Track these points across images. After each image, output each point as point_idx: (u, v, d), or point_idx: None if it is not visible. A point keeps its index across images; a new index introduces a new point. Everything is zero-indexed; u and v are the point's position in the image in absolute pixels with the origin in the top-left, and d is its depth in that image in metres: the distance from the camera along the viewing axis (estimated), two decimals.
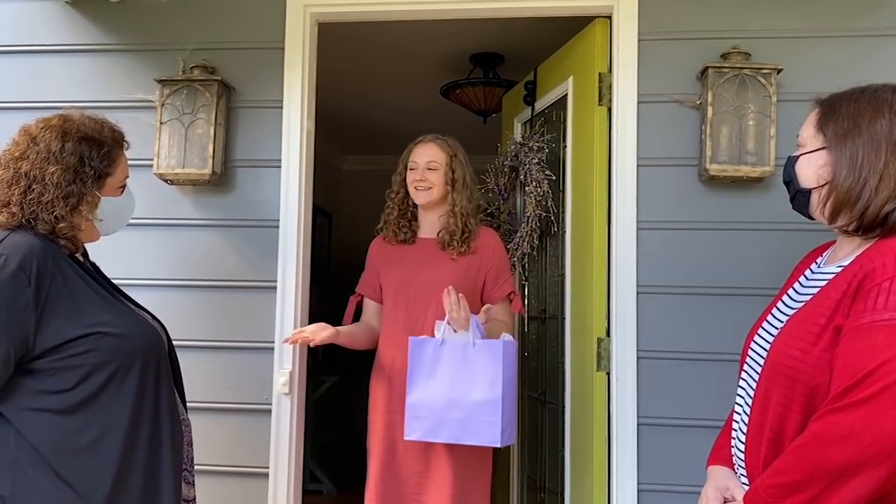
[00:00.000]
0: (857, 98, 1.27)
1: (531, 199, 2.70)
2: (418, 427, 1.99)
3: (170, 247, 2.33)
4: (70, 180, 1.43)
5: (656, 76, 2.20)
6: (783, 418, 1.21)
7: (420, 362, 2.02)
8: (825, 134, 1.28)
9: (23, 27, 2.46)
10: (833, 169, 1.26)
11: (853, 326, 1.13)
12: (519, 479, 2.98)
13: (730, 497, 1.33)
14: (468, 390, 1.94)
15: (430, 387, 1.98)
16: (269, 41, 2.35)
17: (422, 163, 2.21)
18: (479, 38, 3.38)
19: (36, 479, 1.34)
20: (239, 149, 2.35)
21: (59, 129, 1.45)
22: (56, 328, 1.36)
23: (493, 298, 2.21)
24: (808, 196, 1.32)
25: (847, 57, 2.15)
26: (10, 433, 1.35)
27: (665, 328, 2.15)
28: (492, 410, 1.91)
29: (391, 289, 2.22)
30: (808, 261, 1.45)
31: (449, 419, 1.95)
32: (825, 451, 1.08)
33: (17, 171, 1.42)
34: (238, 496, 2.24)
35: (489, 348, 1.96)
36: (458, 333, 2.01)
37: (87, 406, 1.38)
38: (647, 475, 2.13)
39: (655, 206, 2.18)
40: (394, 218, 2.26)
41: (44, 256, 1.37)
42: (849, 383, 1.09)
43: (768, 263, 2.11)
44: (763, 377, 1.28)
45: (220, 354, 2.29)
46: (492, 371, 1.94)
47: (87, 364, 1.38)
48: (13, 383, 1.36)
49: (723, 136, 2.10)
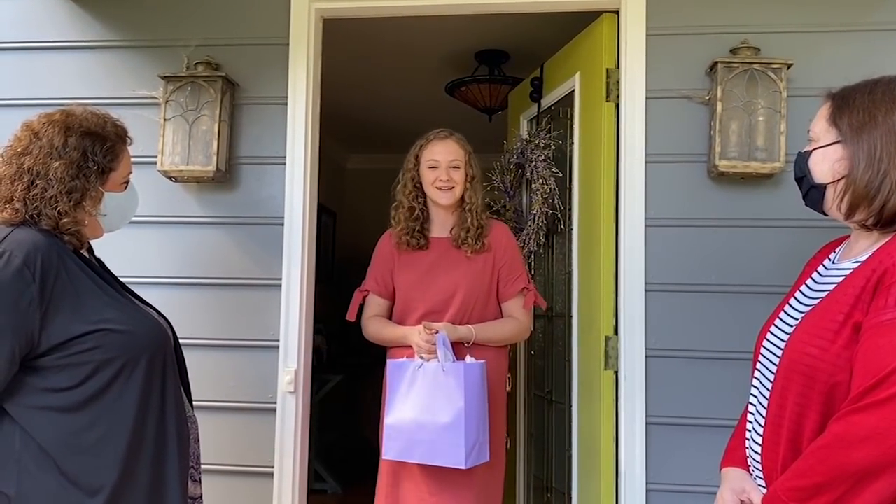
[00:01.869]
0: (871, 90, 1.25)
1: (538, 196, 2.68)
2: (393, 447, 2.02)
3: (174, 244, 2.32)
4: (73, 175, 1.41)
5: (664, 72, 2.18)
6: (801, 418, 1.19)
7: (398, 384, 2.05)
8: (839, 127, 1.26)
9: (27, 23, 2.45)
10: (850, 163, 1.23)
11: (873, 323, 1.11)
12: (525, 478, 2.96)
13: (746, 500, 1.31)
14: (435, 414, 1.96)
15: (404, 409, 2.01)
16: (273, 37, 2.34)
17: (445, 161, 2.16)
18: (484, 36, 3.36)
19: (41, 478, 1.33)
20: (243, 146, 2.34)
21: (61, 124, 1.44)
22: (61, 325, 1.34)
23: (507, 295, 2.19)
24: (822, 191, 1.29)
25: (857, 51, 2.12)
26: (15, 431, 1.34)
27: (674, 326, 2.13)
28: (455, 433, 1.93)
29: (407, 292, 2.19)
30: (820, 256, 1.43)
31: (419, 441, 1.98)
32: (848, 453, 1.06)
33: (19, 166, 1.41)
34: (243, 495, 2.23)
35: (455, 372, 1.97)
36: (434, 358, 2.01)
37: (92, 403, 1.37)
38: (656, 475, 2.11)
39: (664, 202, 2.16)
40: (405, 217, 2.21)
41: (48, 253, 1.35)
42: (871, 382, 1.06)
43: (778, 260, 2.08)
44: (779, 376, 1.25)
45: (224, 353, 2.27)
46: (456, 394, 1.95)
47: (92, 361, 1.36)
48: (18, 381, 1.34)
49: (732, 131, 2.08)
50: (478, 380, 2.00)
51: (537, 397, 2.87)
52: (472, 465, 1.96)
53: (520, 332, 2.24)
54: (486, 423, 2.04)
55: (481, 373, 2.02)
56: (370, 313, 2.26)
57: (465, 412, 1.93)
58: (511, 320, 2.19)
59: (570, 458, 2.46)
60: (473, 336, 2.09)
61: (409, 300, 2.18)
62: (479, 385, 2.01)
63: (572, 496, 2.44)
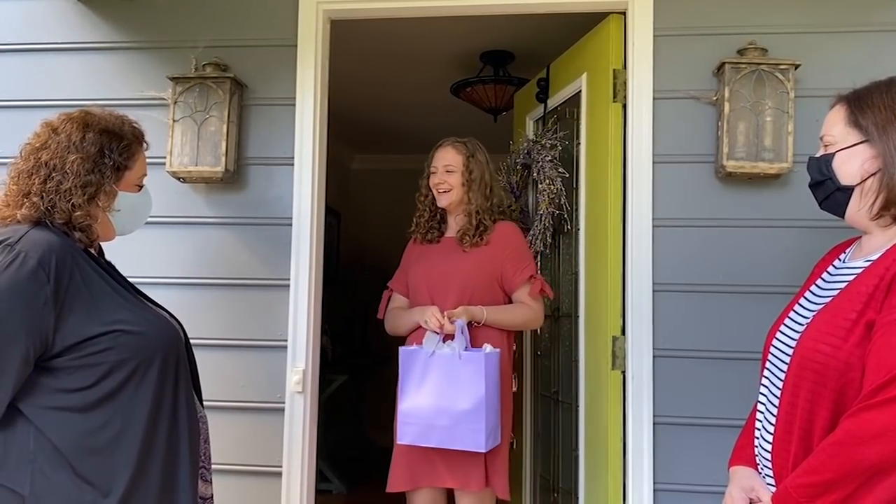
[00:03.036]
0: (887, 89, 1.26)
1: (544, 196, 2.69)
2: (408, 432, 2.09)
3: (183, 245, 2.33)
4: (89, 170, 1.43)
5: (672, 72, 2.18)
6: (812, 415, 1.19)
7: (410, 372, 2.12)
8: (861, 127, 1.26)
9: (35, 25, 2.46)
10: (883, 160, 1.23)
11: (887, 321, 1.11)
12: (532, 478, 2.96)
13: (755, 498, 1.31)
14: (454, 400, 2.04)
15: (419, 395, 2.08)
16: (281, 39, 2.34)
17: (440, 166, 2.32)
18: (490, 37, 3.36)
19: (55, 478, 1.33)
20: (251, 146, 2.35)
21: (80, 121, 1.47)
22: (75, 326, 1.35)
23: (515, 284, 2.29)
24: (848, 193, 1.29)
25: (865, 52, 2.12)
26: (29, 431, 1.34)
27: (681, 326, 2.14)
28: (476, 419, 2.02)
29: (416, 283, 2.34)
30: (829, 258, 1.43)
31: (437, 426, 2.05)
32: (859, 450, 1.07)
33: (37, 160, 1.43)
34: (251, 495, 2.23)
35: (473, 361, 2.05)
36: (447, 344, 2.10)
37: (106, 404, 1.37)
38: (664, 475, 2.11)
39: (671, 203, 2.16)
40: (424, 220, 2.39)
41: (63, 254, 1.36)
42: (883, 380, 1.07)
43: (786, 260, 2.09)
44: (790, 374, 1.25)
45: (232, 353, 2.28)
46: (475, 382, 2.03)
47: (106, 362, 1.37)
48: (33, 382, 1.35)
49: (740, 132, 2.08)
50: (494, 368, 2.10)
51: (544, 397, 2.88)
52: (490, 447, 2.06)
53: (532, 319, 2.31)
54: (499, 408, 2.13)
55: (497, 361, 2.12)
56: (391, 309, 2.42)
57: (486, 400, 2.01)
58: (522, 306, 2.28)
59: (577, 459, 2.46)
60: (485, 316, 2.19)
61: (416, 285, 2.34)
62: (495, 373, 2.10)
63: (579, 496, 2.44)
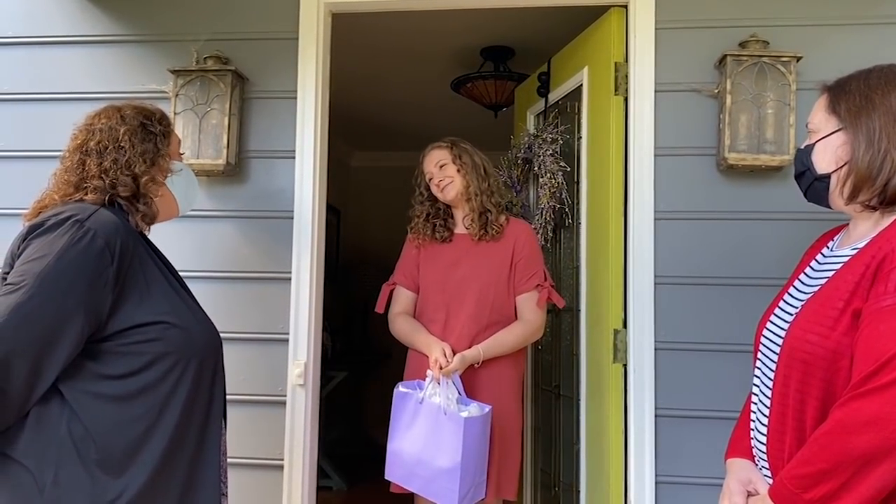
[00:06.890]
0: (866, 76, 1.26)
1: (545, 190, 2.69)
2: (394, 472, 2.17)
3: (184, 238, 2.32)
4: (142, 139, 1.47)
5: (673, 65, 2.18)
6: (803, 406, 1.19)
7: (401, 414, 2.17)
8: (838, 114, 1.26)
9: (36, 18, 2.45)
10: (851, 147, 1.24)
11: (873, 309, 1.11)
12: (533, 472, 2.96)
13: (752, 490, 1.31)
14: (434, 455, 2.07)
15: (406, 440, 2.14)
16: (283, 32, 2.34)
17: (432, 167, 2.35)
18: (490, 32, 3.36)
19: (78, 467, 1.30)
20: (253, 139, 2.34)
21: (111, 108, 1.51)
22: (128, 311, 1.34)
23: (520, 290, 2.29)
24: (826, 182, 1.29)
25: (866, 44, 2.13)
26: (63, 415, 1.31)
27: (683, 319, 2.14)
28: (452, 479, 2.04)
29: (429, 284, 2.34)
30: (818, 245, 1.43)
31: (418, 475, 2.11)
32: (850, 439, 1.06)
33: (84, 152, 1.44)
34: (253, 488, 2.23)
35: (454, 421, 2.05)
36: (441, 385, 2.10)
37: (143, 396, 1.35)
38: (665, 467, 2.11)
39: (673, 196, 2.16)
40: (423, 220, 2.38)
41: (127, 237, 1.37)
42: (871, 368, 1.06)
43: (787, 252, 2.08)
44: (780, 365, 1.25)
45: (234, 346, 2.26)
46: (454, 444, 2.04)
47: (150, 353, 1.35)
48: (77, 364, 1.32)
49: (741, 124, 2.08)
50: (479, 429, 2.09)
51: (545, 391, 2.88)
52: None
53: (530, 335, 2.30)
54: (486, 462, 2.14)
55: (483, 422, 2.11)
56: (398, 308, 2.38)
57: (462, 465, 2.03)
58: (518, 325, 2.26)
59: (579, 452, 2.47)
60: (482, 356, 2.19)
61: (431, 292, 2.32)
62: (480, 433, 2.10)
63: (581, 490, 2.44)
